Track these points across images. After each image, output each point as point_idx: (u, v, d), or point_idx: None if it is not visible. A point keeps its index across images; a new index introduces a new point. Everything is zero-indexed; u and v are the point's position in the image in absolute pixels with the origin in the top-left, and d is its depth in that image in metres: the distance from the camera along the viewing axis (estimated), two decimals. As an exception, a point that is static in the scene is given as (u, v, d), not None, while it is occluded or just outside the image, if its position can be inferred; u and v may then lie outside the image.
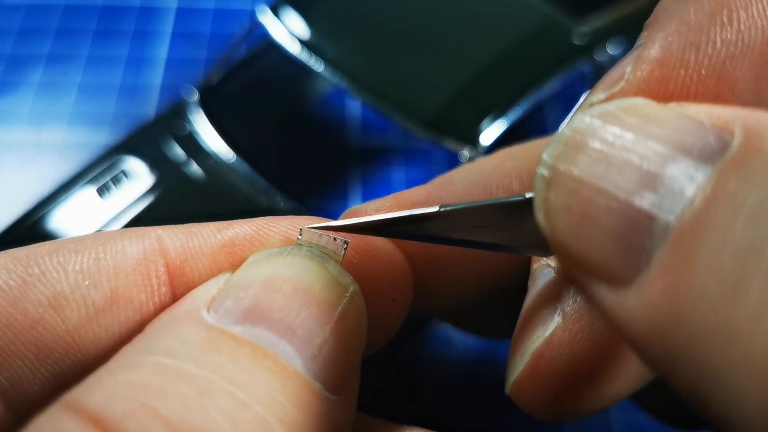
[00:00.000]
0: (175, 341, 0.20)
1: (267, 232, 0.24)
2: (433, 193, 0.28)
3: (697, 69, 0.20)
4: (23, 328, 0.21)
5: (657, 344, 0.16)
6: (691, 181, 0.16)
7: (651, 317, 0.16)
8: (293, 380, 0.20)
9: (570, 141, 0.18)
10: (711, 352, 0.15)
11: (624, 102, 0.18)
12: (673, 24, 0.20)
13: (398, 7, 0.54)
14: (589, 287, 0.18)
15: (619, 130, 0.17)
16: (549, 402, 0.25)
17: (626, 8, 0.55)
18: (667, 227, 0.16)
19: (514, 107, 0.49)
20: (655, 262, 0.16)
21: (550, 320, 0.24)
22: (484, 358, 0.46)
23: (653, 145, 0.17)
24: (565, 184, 0.18)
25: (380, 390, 0.44)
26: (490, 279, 0.29)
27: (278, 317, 0.20)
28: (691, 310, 0.15)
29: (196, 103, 0.53)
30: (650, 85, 0.20)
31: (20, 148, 0.58)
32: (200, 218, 0.50)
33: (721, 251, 0.15)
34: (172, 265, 0.23)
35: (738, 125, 0.16)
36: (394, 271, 0.26)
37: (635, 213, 0.17)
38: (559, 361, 0.24)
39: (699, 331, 0.15)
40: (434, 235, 0.23)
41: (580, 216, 0.17)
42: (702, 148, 0.16)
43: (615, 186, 0.17)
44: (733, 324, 0.15)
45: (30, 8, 0.66)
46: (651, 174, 0.16)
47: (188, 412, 0.18)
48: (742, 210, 0.15)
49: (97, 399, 0.18)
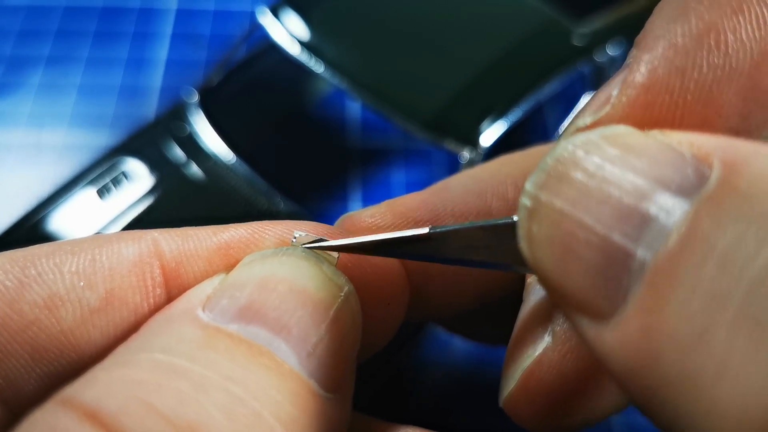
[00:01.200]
0: (170, 339, 0.20)
1: (262, 234, 0.24)
2: (427, 200, 0.28)
3: (682, 94, 0.19)
4: (19, 328, 0.21)
5: (634, 381, 0.16)
6: (669, 216, 0.16)
7: (628, 355, 0.16)
8: (289, 378, 0.20)
9: (552, 170, 0.18)
10: (681, 397, 0.15)
11: (606, 130, 0.18)
12: (660, 47, 0.20)
13: (398, 8, 0.54)
14: (573, 318, 0.18)
15: (600, 161, 0.17)
16: (541, 417, 0.25)
17: (626, 9, 0.55)
18: (643, 264, 0.16)
19: (514, 108, 0.49)
20: (632, 299, 0.16)
21: (540, 339, 0.24)
22: (482, 360, 0.46)
23: (633, 178, 0.17)
24: (546, 215, 0.18)
25: (378, 392, 0.44)
26: (486, 286, 0.29)
27: (273, 316, 0.20)
28: (663, 353, 0.15)
29: (196, 104, 0.53)
30: (636, 109, 0.20)
31: (20, 150, 0.58)
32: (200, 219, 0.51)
33: (691, 296, 0.15)
34: (167, 267, 0.23)
35: (717, 157, 0.16)
36: (390, 275, 0.26)
37: (613, 248, 0.16)
38: (549, 380, 0.24)
39: (670, 375, 0.15)
40: (426, 254, 0.23)
41: (561, 249, 0.17)
42: (681, 182, 0.16)
43: (595, 220, 0.17)
44: (699, 373, 0.14)
45: (30, 10, 0.66)
46: (629, 208, 0.16)
47: (184, 407, 0.18)
48: (713, 254, 0.15)
49: (92, 394, 0.18)
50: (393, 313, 0.27)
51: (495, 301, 0.30)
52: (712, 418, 0.14)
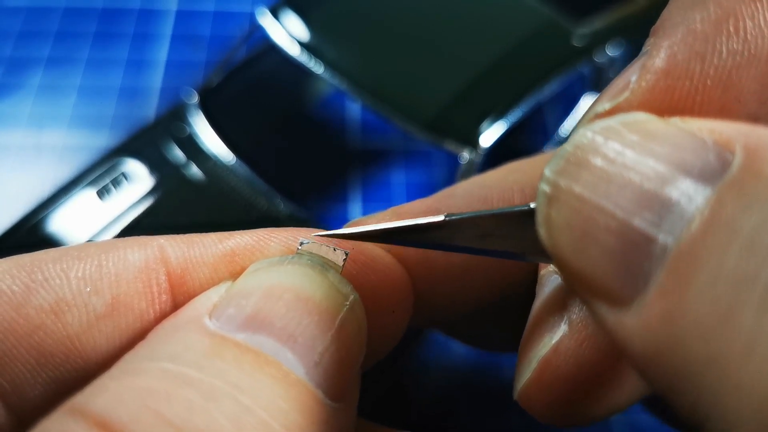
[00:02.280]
0: (178, 347, 0.20)
1: (267, 242, 0.24)
2: (432, 207, 0.28)
3: (702, 79, 0.19)
4: (25, 332, 0.21)
5: (655, 366, 0.16)
6: (690, 202, 0.16)
7: (649, 340, 0.16)
8: (295, 387, 0.20)
9: (572, 157, 0.18)
10: (705, 379, 0.15)
11: (626, 117, 0.18)
12: (678, 33, 0.20)
13: (398, 9, 0.54)
14: (591, 304, 0.18)
15: (620, 147, 0.17)
16: (556, 408, 0.25)
17: (626, 10, 0.55)
18: (665, 249, 0.16)
19: (514, 109, 0.49)
20: (653, 284, 0.16)
21: (556, 328, 0.24)
22: (483, 363, 0.46)
23: (654, 163, 0.17)
24: (566, 201, 0.18)
25: (381, 397, 0.44)
26: (490, 291, 0.29)
27: (280, 325, 0.21)
28: (686, 337, 0.15)
29: (196, 105, 0.53)
30: (655, 95, 0.20)
31: (20, 151, 0.58)
32: (200, 220, 0.50)
33: (715, 279, 0.15)
34: (173, 274, 0.23)
35: (739, 143, 0.16)
36: (394, 283, 0.26)
37: (634, 233, 0.16)
38: (566, 369, 0.24)
39: (694, 358, 0.15)
40: (440, 243, 0.23)
41: (580, 234, 0.17)
42: (702, 168, 0.16)
43: (615, 205, 0.17)
44: (725, 355, 0.14)
45: (30, 11, 0.66)
46: (651, 194, 0.16)
47: (193, 416, 0.18)
48: (738, 238, 0.15)
49: (102, 403, 0.18)
50: (397, 321, 0.27)
51: (497, 306, 0.30)
52: (738, 399, 0.14)
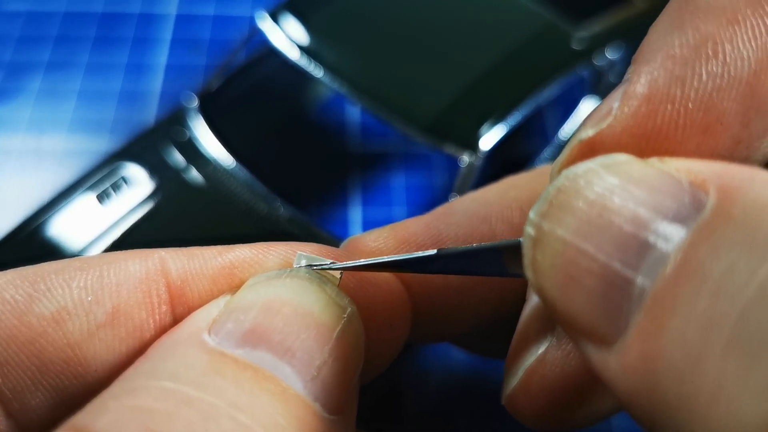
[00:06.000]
0: (178, 365, 0.20)
1: (266, 255, 0.24)
2: (431, 225, 0.28)
3: (683, 103, 0.19)
4: (26, 340, 0.22)
5: (636, 404, 0.16)
6: (667, 244, 0.16)
7: (630, 380, 0.16)
8: (294, 402, 0.20)
9: (555, 200, 0.18)
10: (681, 420, 0.15)
11: (606, 159, 0.19)
12: (658, 58, 0.20)
13: (397, 13, 0.54)
14: (578, 343, 0.18)
15: (600, 190, 0.18)
16: (542, 414, 0.25)
17: (625, 13, 0.55)
18: (643, 292, 0.16)
19: (514, 112, 0.49)
20: (633, 326, 0.16)
21: (543, 338, 0.25)
22: (479, 366, 0.46)
23: (633, 206, 0.17)
24: (549, 244, 0.18)
25: (379, 401, 0.44)
26: (489, 306, 0.30)
27: (278, 339, 0.21)
28: (662, 379, 0.15)
29: (196, 109, 0.53)
30: (638, 120, 0.20)
31: (20, 155, 0.58)
32: (200, 224, 0.50)
33: (687, 323, 0.15)
34: (173, 285, 0.24)
35: (714, 185, 0.16)
36: (392, 298, 0.26)
37: (614, 276, 0.17)
38: (552, 378, 0.24)
39: (669, 400, 0.15)
40: (432, 270, 0.24)
41: (564, 277, 0.18)
42: (677, 210, 0.16)
43: (596, 248, 0.17)
44: (696, 397, 0.15)
45: (29, 15, 0.66)
46: (630, 236, 0.17)
47: None
48: (707, 281, 0.15)
49: (104, 423, 0.18)
50: (395, 336, 0.27)
51: (497, 319, 0.30)
52: None
